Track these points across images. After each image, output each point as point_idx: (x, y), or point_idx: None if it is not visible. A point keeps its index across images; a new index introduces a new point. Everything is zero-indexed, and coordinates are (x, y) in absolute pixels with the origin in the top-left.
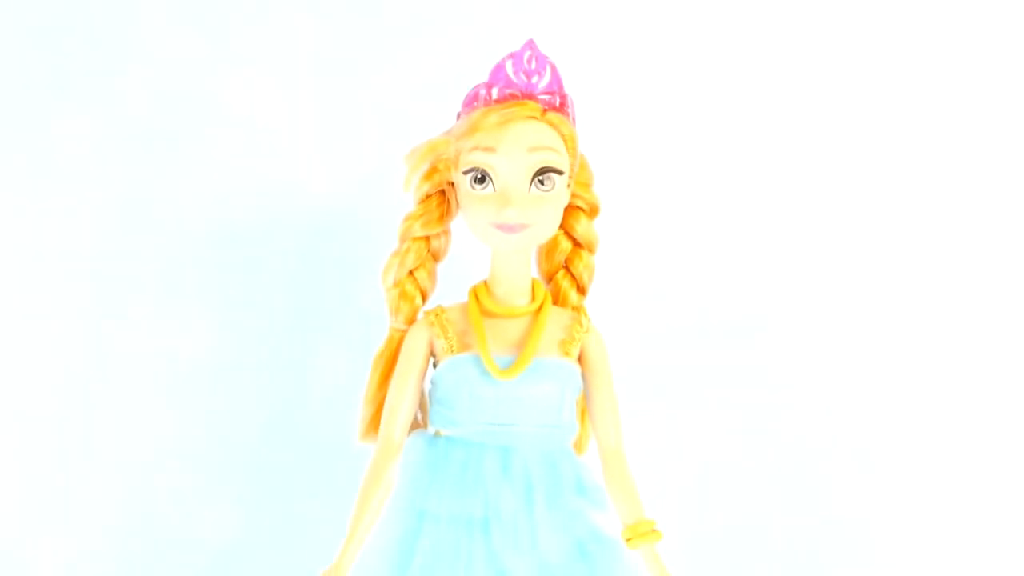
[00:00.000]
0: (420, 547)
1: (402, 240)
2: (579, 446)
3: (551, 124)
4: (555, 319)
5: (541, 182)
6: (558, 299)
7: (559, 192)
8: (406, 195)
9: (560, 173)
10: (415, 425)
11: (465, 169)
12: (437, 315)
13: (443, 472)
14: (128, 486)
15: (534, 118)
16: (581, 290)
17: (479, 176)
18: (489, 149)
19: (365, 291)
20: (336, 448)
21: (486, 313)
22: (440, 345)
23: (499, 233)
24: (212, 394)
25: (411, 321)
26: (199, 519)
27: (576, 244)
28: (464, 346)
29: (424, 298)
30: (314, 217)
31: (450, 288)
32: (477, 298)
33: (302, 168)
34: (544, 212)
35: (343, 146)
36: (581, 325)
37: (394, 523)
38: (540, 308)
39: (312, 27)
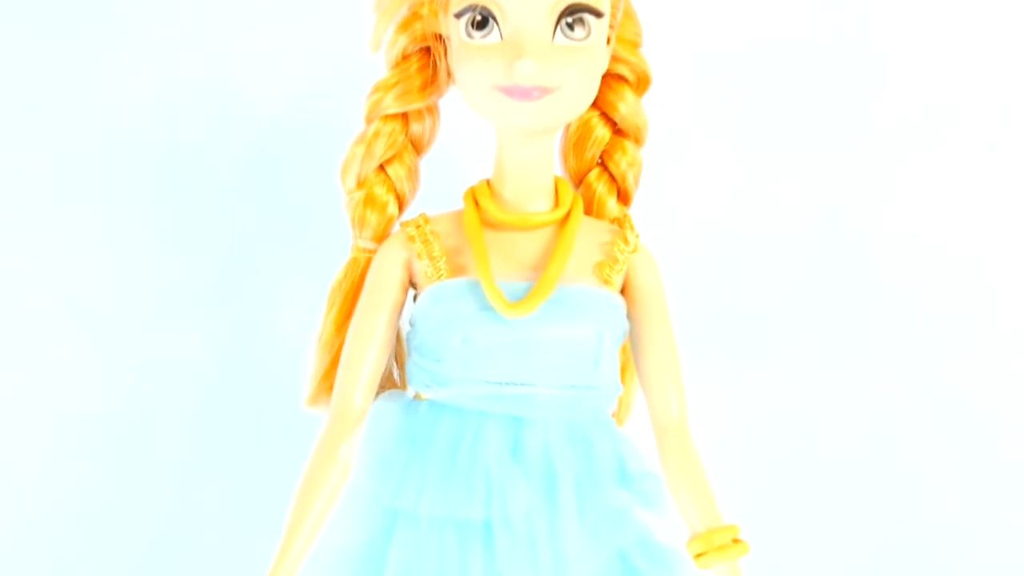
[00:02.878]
0: (389, 563)
1: (368, 120)
2: (619, 416)
3: None
4: (589, 233)
5: (570, 26)
6: (592, 208)
7: (596, 45)
8: (377, 58)
9: (598, 15)
10: (388, 385)
11: (459, 9)
12: (419, 227)
13: (425, 453)
14: (45, 451)
15: None
16: (624, 196)
17: (479, 18)
18: None
19: (330, 211)
20: (296, 412)
21: (490, 224)
22: (422, 269)
23: (508, 101)
24: (143, 342)
25: (382, 237)
26: (127, 500)
27: (617, 130)
28: (456, 269)
29: (400, 205)
30: (264, 122)
31: (440, 196)
32: (476, 203)
33: (249, 61)
34: (575, 71)
35: (302, 36)
36: (626, 242)
37: (353, 526)
38: (567, 216)
39: None
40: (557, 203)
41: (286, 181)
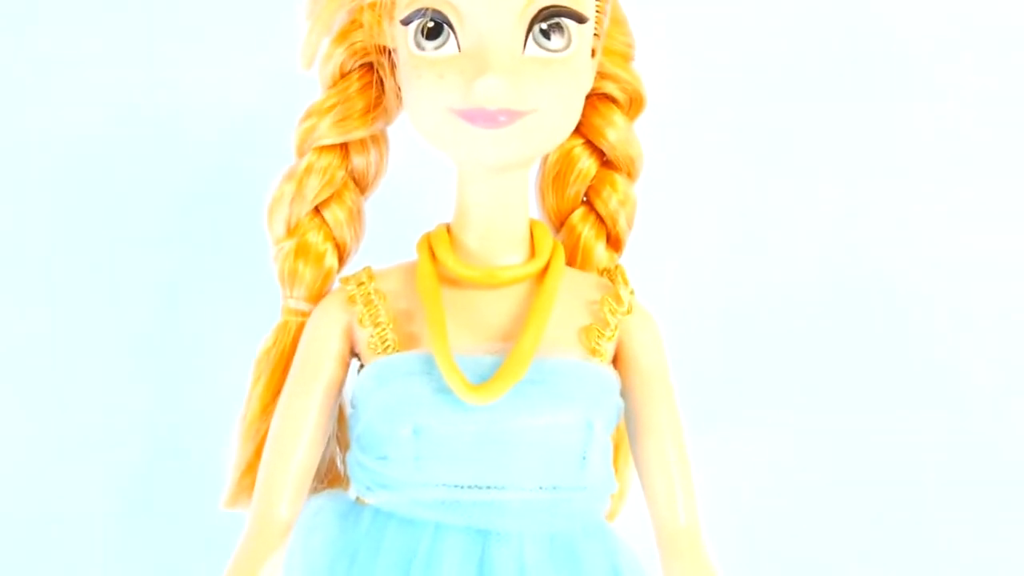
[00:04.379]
0: None
1: (300, 152)
2: (611, 508)
3: None
4: (573, 290)
5: (545, 34)
6: (576, 258)
7: (578, 58)
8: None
9: (580, 20)
10: (329, 478)
11: (406, 15)
12: (361, 284)
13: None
14: None
15: None
16: (614, 241)
17: (431, 24)
18: None
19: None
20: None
21: (449, 280)
22: (365, 338)
23: (469, 128)
24: (77, 394)
25: (318, 296)
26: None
27: (605, 162)
28: (407, 339)
29: (340, 256)
30: (207, 157)
31: (390, 245)
32: (433, 254)
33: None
34: (552, 90)
35: (247, 64)
36: (619, 301)
37: None
38: (546, 270)
39: None
40: (533, 253)
41: (231, 219)
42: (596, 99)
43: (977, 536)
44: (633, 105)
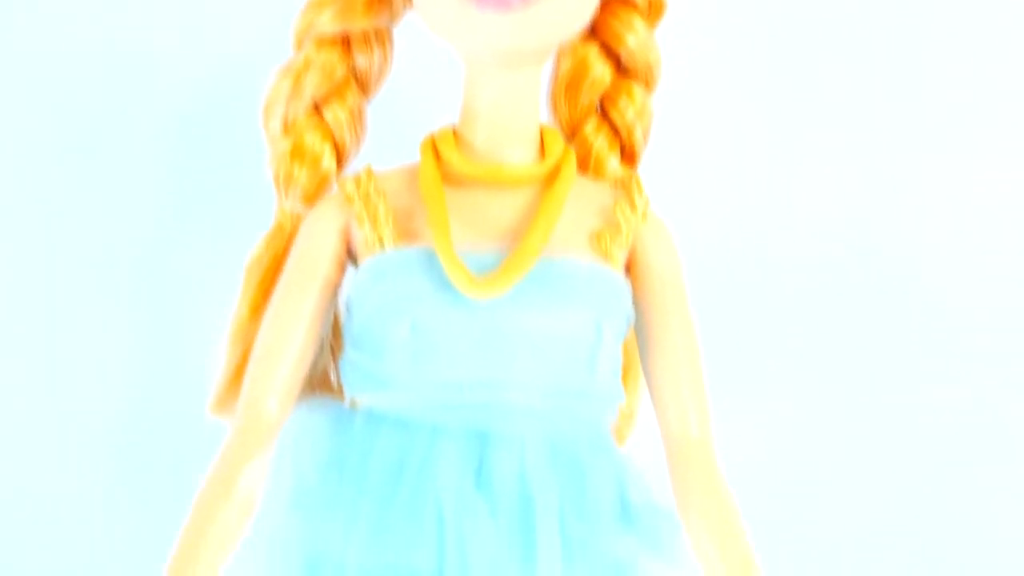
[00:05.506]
0: None
1: (298, 45)
2: (619, 431)
3: None
4: (584, 194)
5: None
6: (588, 168)
7: None
8: None
9: None
10: (321, 391)
11: None
12: (359, 183)
13: (358, 482)
14: None
15: None
16: (629, 154)
17: None
18: None
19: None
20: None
21: (454, 180)
22: (363, 237)
23: (478, 14)
24: (64, 332)
25: (314, 199)
26: (44, 502)
27: (622, 70)
28: (406, 236)
29: (340, 158)
30: (191, 92)
31: (391, 152)
32: (437, 154)
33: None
34: None
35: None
36: (633, 207)
37: None
38: (556, 171)
39: None
40: (543, 153)
41: (219, 153)
42: (614, 2)
43: (985, 510)
44: (653, 10)
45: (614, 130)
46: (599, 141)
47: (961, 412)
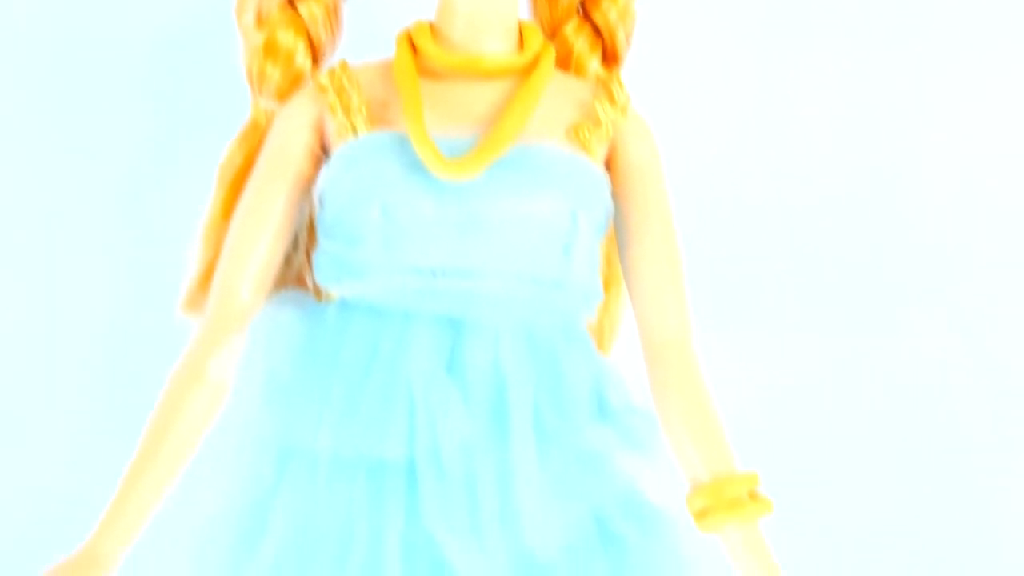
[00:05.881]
0: (277, 521)
1: None
2: (601, 342)
3: None
4: (563, 88)
5: None
6: (569, 69)
7: None
8: None
9: None
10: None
11: None
12: (333, 75)
13: (330, 370)
14: None
15: None
16: (610, 56)
17: None
18: None
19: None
20: None
21: (429, 72)
22: (336, 127)
23: None
24: (46, 262)
25: (287, 95)
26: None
27: None
28: (380, 123)
29: (314, 56)
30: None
31: (367, 50)
32: (413, 46)
33: None
34: None
35: None
36: (613, 100)
37: (231, 470)
38: (534, 64)
39: None
40: (522, 46)
41: (203, 74)
42: None
43: (974, 450)
44: None
45: (596, 31)
46: (580, 42)
47: (952, 353)
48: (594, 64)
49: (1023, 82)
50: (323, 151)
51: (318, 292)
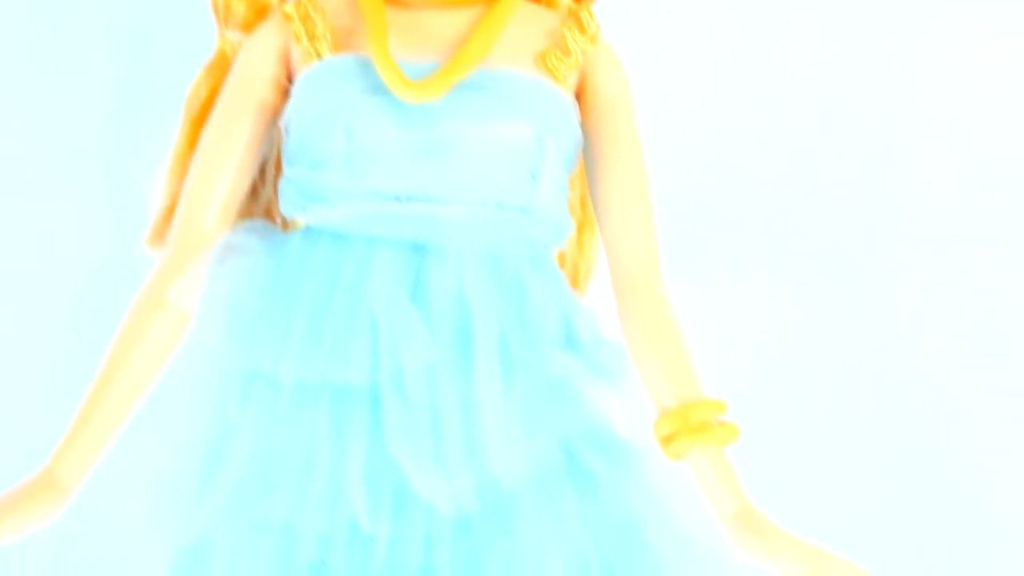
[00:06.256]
0: (239, 447)
1: None
2: (576, 283)
3: None
4: (531, 17)
5: None
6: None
7: None
8: None
9: None
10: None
11: None
12: (299, 4)
13: (291, 296)
14: None
15: None
16: None
17: None
18: None
19: None
20: None
21: (395, 2)
22: (301, 54)
23: None
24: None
25: (253, 27)
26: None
27: None
28: (344, 48)
29: None
30: None
31: None
32: None
33: None
34: None
35: None
36: (582, 29)
37: (191, 398)
38: None
39: None
40: None
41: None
42: None
43: (961, 397)
44: None
45: None
46: None
47: (928, 305)
48: None
49: (1012, 41)
50: (289, 81)
51: (285, 226)
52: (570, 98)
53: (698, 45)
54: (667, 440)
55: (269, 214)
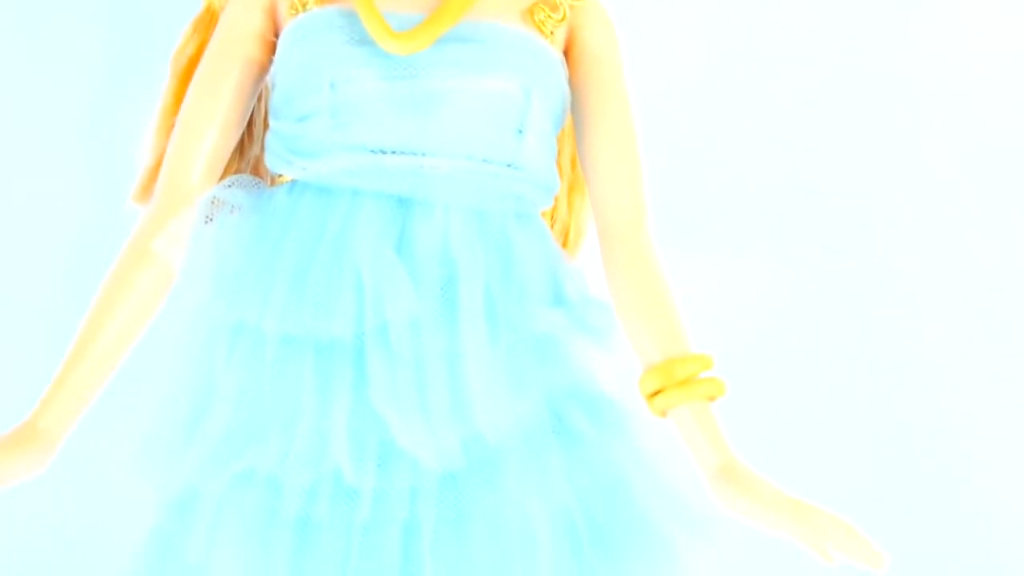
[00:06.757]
0: (222, 400)
1: None
2: (567, 245)
3: None
4: None
5: None
6: None
7: None
8: None
9: None
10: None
11: None
12: None
13: (276, 250)
14: None
15: None
16: None
17: None
18: None
19: None
20: None
21: None
22: (287, 7)
23: None
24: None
25: None
26: None
27: None
28: (330, 2)
29: None
30: None
31: None
32: None
33: None
34: None
35: None
36: None
37: (177, 352)
38: None
39: None
40: None
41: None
42: None
43: (952, 367)
44: None
45: None
46: None
47: (921, 274)
48: None
49: (1010, 24)
50: (275, 36)
51: (272, 183)
52: (558, 54)
53: (702, 18)
54: (652, 395)
55: (256, 172)
